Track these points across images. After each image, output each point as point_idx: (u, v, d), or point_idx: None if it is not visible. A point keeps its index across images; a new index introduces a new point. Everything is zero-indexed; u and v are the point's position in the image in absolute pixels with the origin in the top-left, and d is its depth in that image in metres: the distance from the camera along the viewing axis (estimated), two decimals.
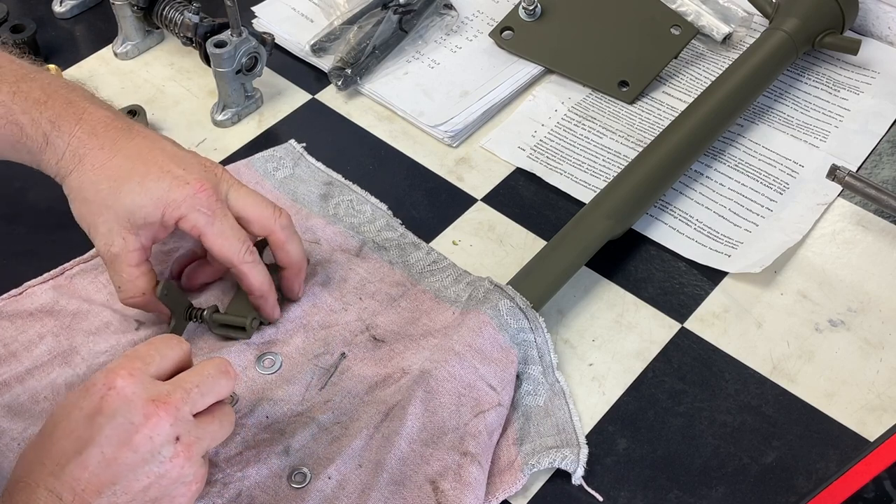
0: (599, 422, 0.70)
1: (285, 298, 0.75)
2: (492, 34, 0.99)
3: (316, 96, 0.95)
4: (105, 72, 0.97)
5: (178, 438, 0.55)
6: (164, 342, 0.60)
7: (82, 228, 0.70)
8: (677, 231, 0.83)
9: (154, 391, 0.56)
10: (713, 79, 0.92)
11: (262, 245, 0.74)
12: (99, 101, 0.73)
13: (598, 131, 0.91)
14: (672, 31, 0.95)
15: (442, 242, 0.82)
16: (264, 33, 0.91)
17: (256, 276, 0.70)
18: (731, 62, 0.92)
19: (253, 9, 1.02)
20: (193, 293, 0.76)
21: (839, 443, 0.69)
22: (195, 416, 0.57)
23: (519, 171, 0.88)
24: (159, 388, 0.56)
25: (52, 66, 0.91)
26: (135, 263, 0.68)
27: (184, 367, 0.59)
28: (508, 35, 0.98)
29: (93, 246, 0.71)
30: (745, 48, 0.94)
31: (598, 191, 0.82)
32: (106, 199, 0.67)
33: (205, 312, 0.71)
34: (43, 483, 0.53)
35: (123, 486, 0.54)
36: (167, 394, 0.56)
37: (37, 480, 0.53)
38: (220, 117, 0.92)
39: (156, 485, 0.55)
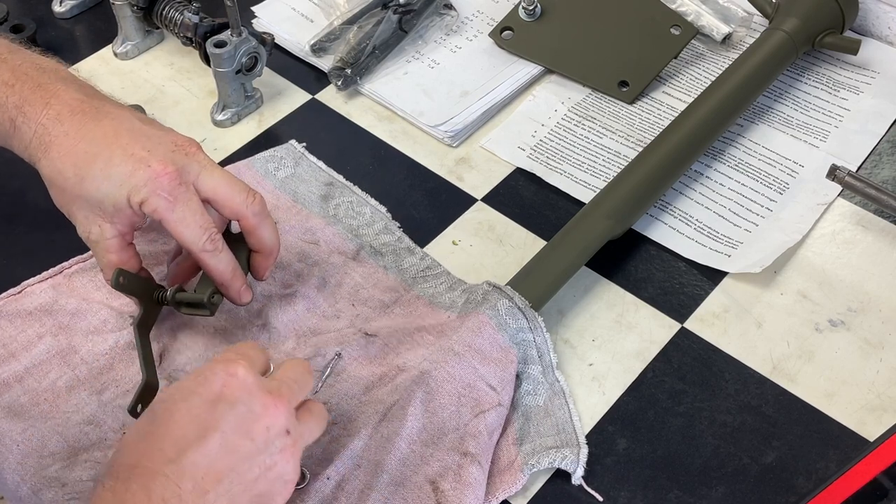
0: (599, 422, 0.70)
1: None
2: (492, 34, 0.99)
3: (316, 96, 0.95)
4: (105, 72, 0.97)
5: (287, 431, 0.56)
6: (252, 347, 0.60)
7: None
8: (677, 231, 0.83)
9: (266, 384, 0.57)
10: (713, 79, 0.92)
11: None
12: (74, 80, 0.70)
13: (598, 131, 0.91)
14: (672, 31, 0.95)
15: (442, 242, 0.82)
16: (264, 33, 0.91)
17: (216, 266, 0.68)
18: (731, 62, 0.92)
19: (253, 9, 1.02)
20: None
21: (839, 443, 0.69)
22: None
23: (519, 171, 0.88)
24: (270, 383, 0.57)
25: None
26: (115, 250, 0.68)
27: (264, 372, 0.60)
28: (508, 35, 0.98)
29: (96, 258, 0.71)
30: (745, 48, 0.94)
31: (598, 191, 0.82)
32: (73, 188, 0.66)
33: (168, 293, 0.69)
34: (161, 469, 0.52)
35: (239, 474, 0.54)
36: (277, 388, 0.57)
37: (154, 466, 0.52)
38: (220, 117, 0.92)
39: (263, 478, 0.55)
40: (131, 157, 0.65)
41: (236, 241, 0.70)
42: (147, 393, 0.66)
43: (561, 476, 0.67)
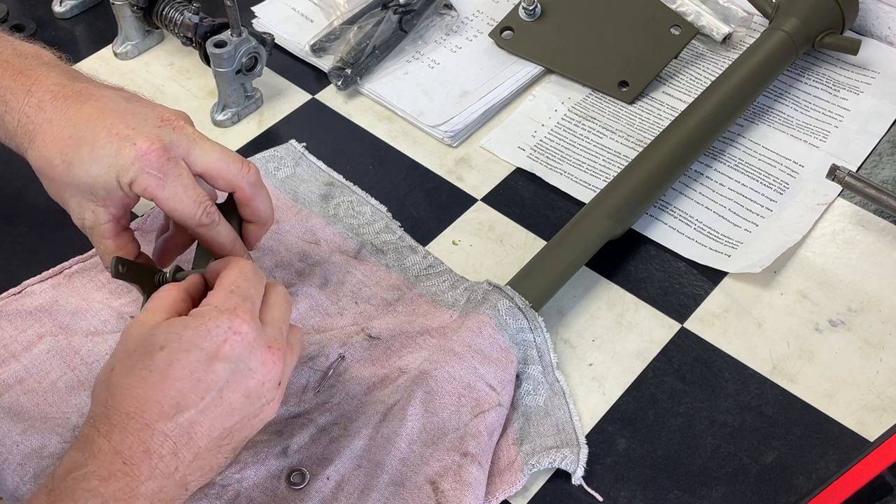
0: (599, 422, 0.70)
1: None
2: (492, 34, 0.99)
3: (316, 96, 0.95)
4: (105, 72, 0.97)
5: (279, 383, 0.57)
6: (256, 276, 0.60)
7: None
8: (677, 231, 0.83)
9: (266, 337, 0.57)
10: (713, 79, 0.92)
11: None
12: (57, 64, 0.69)
13: (598, 131, 0.91)
14: (672, 31, 0.95)
15: (442, 242, 0.82)
16: (264, 33, 0.91)
17: (216, 238, 0.66)
18: (731, 62, 0.92)
19: (253, 9, 1.02)
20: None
21: (839, 443, 0.69)
22: None
23: (519, 171, 0.88)
24: (268, 334, 0.57)
25: None
26: (111, 235, 0.67)
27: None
28: (508, 35, 0.98)
29: (93, 245, 0.71)
30: (745, 48, 0.94)
31: (598, 191, 0.82)
32: (62, 175, 0.65)
33: (168, 274, 0.67)
34: (159, 426, 0.52)
35: (230, 430, 0.55)
36: (274, 339, 0.57)
37: (152, 421, 0.52)
38: (220, 117, 0.92)
39: (248, 426, 0.57)
40: (116, 136, 0.63)
41: (226, 211, 0.68)
42: None
43: (561, 476, 0.67)
